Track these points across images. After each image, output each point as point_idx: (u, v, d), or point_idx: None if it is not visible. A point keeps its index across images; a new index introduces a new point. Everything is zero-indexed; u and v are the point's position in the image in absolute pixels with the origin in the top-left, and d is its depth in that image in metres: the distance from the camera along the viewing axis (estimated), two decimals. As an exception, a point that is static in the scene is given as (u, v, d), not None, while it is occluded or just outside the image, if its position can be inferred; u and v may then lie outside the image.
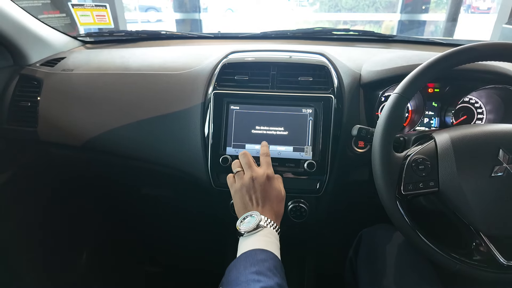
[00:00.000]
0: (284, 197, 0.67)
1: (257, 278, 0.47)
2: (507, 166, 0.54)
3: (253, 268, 0.49)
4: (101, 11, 1.23)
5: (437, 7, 5.04)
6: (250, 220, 0.59)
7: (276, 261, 0.53)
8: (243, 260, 0.53)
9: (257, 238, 0.57)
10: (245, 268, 0.50)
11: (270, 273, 0.49)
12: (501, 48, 0.57)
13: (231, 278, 0.50)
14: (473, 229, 0.55)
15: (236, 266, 0.52)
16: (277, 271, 0.50)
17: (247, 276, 0.48)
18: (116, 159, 0.96)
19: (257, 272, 0.48)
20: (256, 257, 0.52)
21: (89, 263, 1.27)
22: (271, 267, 0.50)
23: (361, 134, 0.68)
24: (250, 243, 0.56)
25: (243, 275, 0.48)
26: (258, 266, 0.50)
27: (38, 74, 0.97)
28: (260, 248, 0.54)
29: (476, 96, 0.85)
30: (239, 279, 0.48)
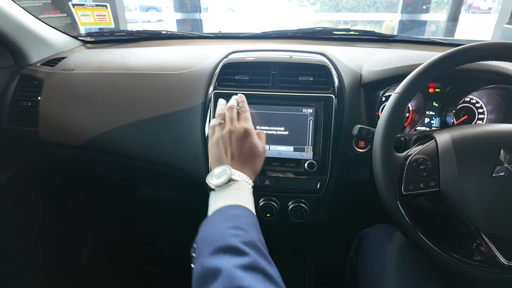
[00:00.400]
0: (262, 153, 0.64)
1: (235, 232, 0.44)
2: (508, 166, 0.54)
3: (229, 223, 0.46)
4: (102, 11, 1.23)
5: (438, 7, 5.04)
6: (222, 174, 0.56)
7: (252, 217, 0.50)
8: (217, 216, 0.50)
9: (230, 192, 0.54)
10: (220, 223, 0.47)
11: (247, 228, 0.46)
12: (502, 47, 0.57)
13: (204, 235, 0.47)
14: (474, 229, 0.55)
15: (209, 222, 0.49)
16: (255, 226, 0.48)
17: (224, 231, 0.44)
18: (116, 159, 0.97)
19: (233, 226, 0.45)
20: (230, 212, 0.50)
21: (89, 263, 1.27)
22: (248, 222, 0.48)
23: (361, 134, 0.67)
24: (223, 198, 0.53)
25: (219, 230, 0.45)
26: (234, 221, 0.47)
27: (39, 74, 0.97)
28: (234, 204, 0.51)
29: (477, 96, 0.85)
30: (215, 234, 0.45)
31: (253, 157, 0.62)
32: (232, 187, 0.55)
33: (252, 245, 0.43)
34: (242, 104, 0.68)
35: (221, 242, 0.43)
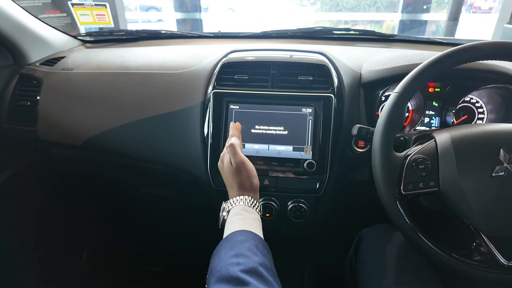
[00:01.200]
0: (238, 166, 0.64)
1: (236, 261, 0.46)
2: (507, 166, 0.54)
3: (232, 251, 0.48)
4: (101, 10, 1.23)
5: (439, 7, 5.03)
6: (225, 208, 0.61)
7: (256, 240, 0.52)
8: (223, 245, 0.52)
9: (232, 219, 0.57)
10: (225, 253, 0.49)
11: (250, 253, 0.48)
12: (502, 47, 0.56)
13: (213, 265, 0.49)
14: (473, 229, 0.54)
15: (217, 252, 0.51)
16: (258, 249, 0.49)
17: (227, 261, 0.47)
18: (115, 158, 0.96)
19: (236, 254, 0.47)
20: (235, 239, 0.52)
21: (88, 262, 1.27)
22: (251, 247, 0.49)
23: (361, 134, 0.67)
24: (229, 227, 0.56)
25: (223, 260, 0.47)
26: (237, 248, 0.49)
27: (38, 74, 0.97)
28: (238, 230, 0.53)
29: (477, 96, 0.85)
30: (219, 264, 0.47)
31: (235, 175, 0.64)
32: (231, 214, 0.59)
33: (253, 272, 0.45)
34: (230, 131, 0.74)
35: (223, 272, 0.45)
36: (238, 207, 0.59)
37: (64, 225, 1.20)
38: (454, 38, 2.96)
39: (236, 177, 0.64)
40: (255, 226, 0.56)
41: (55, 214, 1.17)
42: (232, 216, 0.58)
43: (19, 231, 1.08)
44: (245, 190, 0.63)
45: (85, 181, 1.21)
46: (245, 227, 0.54)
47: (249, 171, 0.64)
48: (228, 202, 0.62)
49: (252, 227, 0.55)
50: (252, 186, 0.64)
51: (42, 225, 1.14)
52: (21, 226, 1.08)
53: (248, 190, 0.63)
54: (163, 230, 1.35)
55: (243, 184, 0.63)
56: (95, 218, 1.32)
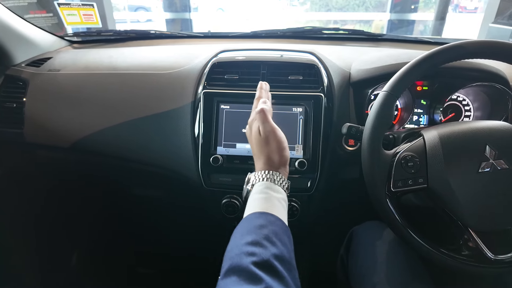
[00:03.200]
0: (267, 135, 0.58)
1: (251, 250, 0.42)
2: (493, 162, 0.55)
3: (248, 237, 0.44)
4: (88, 10, 1.21)
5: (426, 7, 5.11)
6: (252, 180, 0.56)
7: (276, 225, 0.47)
8: (241, 227, 0.48)
9: (254, 197, 0.52)
10: (241, 237, 0.45)
11: (267, 242, 0.43)
12: (487, 46, 0.58)
13: (228, 248, 0.45)
14: (461, 225, 0.56)
15: (234, 234, 0.47)
16: (277, 237, 0.45)
17: (241, 248, 0.43)
18: (105, 160, 0.95)
19: (252, 242, 0.43)
20: (253, 222, 0.47)
21: (80, 265, 1.25)
22: (269, 234, 0.45)
23: (351, 132, 0.68)
24: (250, 206, 0.51)
25: (238, 246, 0.44)
26: (254, 234, 0.44)
27: (24, 75, 0.95)
28: (257, 211, 0.49)
29: (464, 94, 0.86)
30: (233, 250, 0.43)
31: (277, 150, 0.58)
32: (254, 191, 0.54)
33: (267, 266, 0.41)
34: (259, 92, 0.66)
35: (236, 261, 0.41)
36: (263, 184, 0.54)
37: (53, 228, 1.18)
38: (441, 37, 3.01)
39: (264, 148, 0.58)
40: (279, 208, 0.51)
41: (43, 217, 1.15)
42: (255, 194, 0.53)
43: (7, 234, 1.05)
44: (272, 164, 0.57)
45: (75, 183, 1.20)
46: (266, 209, 0.49)
47: (279, 143, 0.58)
48: (254, 174, 0.57)
49: (275, 208, 0.50)
50: (281, 160, 0.58)
51: (30, 228, 1.12)
52: (9, 229, 1.05)
53: (276, 164, 0.57)
54: (155, 232, 1.34)
55: (271, 157, 0.57)
56: (85, 220, 1.30)
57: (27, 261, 1.10)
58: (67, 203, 1.22)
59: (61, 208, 1.20)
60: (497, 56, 0.59)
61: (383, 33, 1.15)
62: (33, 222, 1.12)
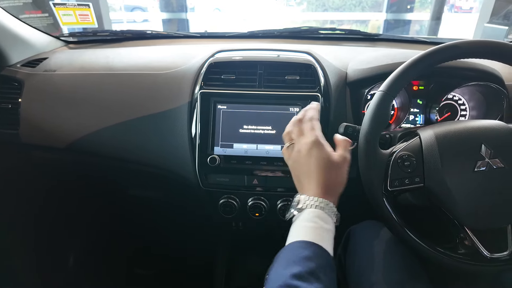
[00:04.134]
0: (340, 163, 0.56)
1: (295, 284, 0.40)
2: (489, 161, 0.55)
3: (293, 267, 0.43)
4: (84, 10, 1.20)
5: (422, 7, 5.14)
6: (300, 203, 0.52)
7: (323, 259, 0.45)
8: (287, 252, 0.46)
9: (303, 224, 0.49)
10: (286, 267, 0.43)
11: (312, 278, 0.42)
12: (482, 45, 0.58)
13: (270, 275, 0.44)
14: (457, 223, 0.56)
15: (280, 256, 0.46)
16: (322, 273, 0.43)
17: (285, 280, 0.41)
18: (102, 160, 0.95)
19: (296, 275, 0.41)
20: (301, 252, 0.45)
21: (78, 266, 1.24)
22: (314, 268, 0.43)
23: (347, 132, 0.68)
24: (296, 231, 0.49)
25: (282, 276, 0.42)
26: (300, 266, 0.43)
27: (19, 75, 0.94)
28: (305, 240, 0.46)
29: (459, 93, 0.87)
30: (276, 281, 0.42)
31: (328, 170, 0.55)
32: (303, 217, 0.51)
33: None
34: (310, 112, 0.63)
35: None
36: (314, 211, 0.50)
37: (51, 228, 1.18)
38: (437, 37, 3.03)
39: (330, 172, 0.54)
40: (327, 240, 0.48)
41: (41, 218, 1.14)
42: (303, 221, 0.50)
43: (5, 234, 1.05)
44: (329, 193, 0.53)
45: (72, 184, 1.19)
46: (314, 239, 0.47)
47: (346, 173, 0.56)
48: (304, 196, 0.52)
49: (324, 241, 0.48)
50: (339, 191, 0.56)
51: (28, 229, 1.11)
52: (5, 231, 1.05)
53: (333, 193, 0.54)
54: (153, 232, 1.33)
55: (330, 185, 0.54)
56: (82, 221, 1.29)
57: (25, 261, 1.10)
58: (65, 204, 1.21)
59: (58, 208, 1.20)
60: (492, 55, 0.60)
61: (379, 33, 1.15)
62: (31, 223, 1.11)
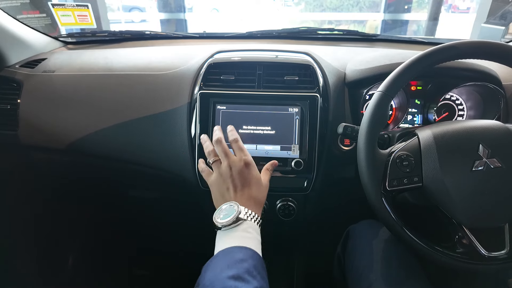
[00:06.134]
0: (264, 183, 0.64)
1: (234, 284, 0.43)
2: (486, 161, 0.56)
3: (230, 271, 0.45)
4: (83, 11, 1.20)
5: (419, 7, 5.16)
6: (229, 212, 0.55)
7: (255, 260, 0.49)
8: (220, 260, 0.49)
9: (236, 234, 0.53)
10: (222, 271, 0.46)
11: (248, 277, 0.45)
12: (479, 46, 0.59)
13: (205, 281, 0.46)
14: (455, 222, 0.56)
15: (212, 266, 0.49)
16: (257, 271, 0.47)
17: (224, 282, 0.44)
18: (101, 161, 0.95)
19: (234, 276, 0.45)
20: (234, 256, 0.49)
21: (78, 266, 1.24)
22: (250, 268, 0.47)
23: (346, 132, 0.68)
24: (228, 239, 0.53)
25: (219, 280, 0.45)
26: (235, 268, 0.46)
27: (18, 76, 0.94)
28: (238, 246, 0.51)
29: (457, 93, 0.87)
30: (214, 284, 0.45)
31: (257, 187, 0.61)
32: (239, 227, 0.54)
33: None
34: (231, 133, 0.68)
35: None
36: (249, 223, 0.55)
37: (49, 229, 1.17)
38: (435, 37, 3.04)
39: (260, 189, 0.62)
40: (254, 241, 0.53)
41: (39, 219, 1.14)
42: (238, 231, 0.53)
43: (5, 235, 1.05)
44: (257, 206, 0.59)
45: (71, 185, 1.19)
46: (245, 243, 0.51)
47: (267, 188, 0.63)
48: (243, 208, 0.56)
49: (252, 243, 0.52)
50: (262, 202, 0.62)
51: (27, 230, 1.11)
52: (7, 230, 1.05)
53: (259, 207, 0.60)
54: (152, 233, 1.33)
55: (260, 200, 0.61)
56: (81, 222, 1.29)
57: (25, 262, 1.10)
58: (64, 204, 1.21)
59: (58, 209, 1.20)
60: (489, 56, 0.60)
61: (377, 34, 1.16)
62: (31, 223, 1.11)
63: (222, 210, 0.57)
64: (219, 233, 0.55)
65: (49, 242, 1.18)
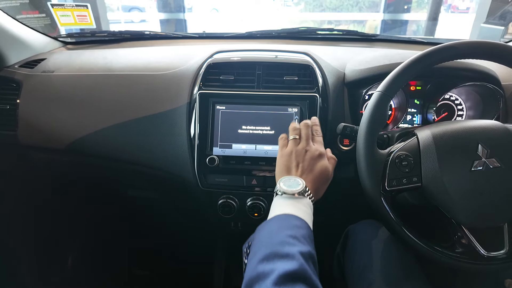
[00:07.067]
0: (330, 178, 0.64)
1: (293, 241, 0.45)
2: (485, 161, 0.56)
3: (288, 231, 0.47)
4: (82, 11, 1.20)
5: (419, 7, 5.16)
6: (294, 184, 0.56)
7: (310, 232, 0.50)
8: (278, 221, 0.50)
9: (295, 204, 0.54)
10: (280, 230, 0.47)
11: (304, 241, 0.47)
12: (479, 46, 0.59)
13: (262, 236, 0.47)
14: (455, 222, 0.56)
15: (269, 226, 0.50)
16: (311, 240, 0.49)
17: (282, 238, 0.45)
18: (100, 161, 0.95)
19: (292, 236, 0.46)
20: (291, 222, 0.50)
21: (77, 267, 1.24)
22: (305, 235, 0.48)
23: (345, 132, 0.68)
24: (287, 207, 0.53)
25: (278, 236, 0.46)
26: (293, 230, 0.47)
27: (17, 76, 0.94)
28: (296, 215, 0.52)
29: (456, 93, 0.87)
30: (272, 239, 0.46)
31: (322, 179, 0.62)
32: (299, 200, 0.55)
33: (308, 256, 0.44)
34: (316, 127, 0.69)
35: (280, 249, 0.44)
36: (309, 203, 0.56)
37: (48, 230, 1.17)
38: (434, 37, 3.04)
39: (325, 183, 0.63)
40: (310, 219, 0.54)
41: (39, 219, 1.14)
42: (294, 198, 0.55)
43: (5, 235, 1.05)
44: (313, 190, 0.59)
45: (70, 185, 1.19)
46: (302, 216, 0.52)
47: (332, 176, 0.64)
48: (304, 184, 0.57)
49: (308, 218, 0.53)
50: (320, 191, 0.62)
51: (27, 230, 1.11)
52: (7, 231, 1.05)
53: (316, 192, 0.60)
54: (152, 233, 1.33)
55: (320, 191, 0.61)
56: (80, 222, 1.29)
57: (25, 262, 1.10)
58: (64, 204, 1.21)
59: (58, 209, 1.20)
60: (488, 56, 0.60)
61: (376, 34, 1.16)
62: (31, 223, 1.11)
63: (288, 179, 0.58)
64: (277, 200, 0.56)
65: (49, 242, 1.18)
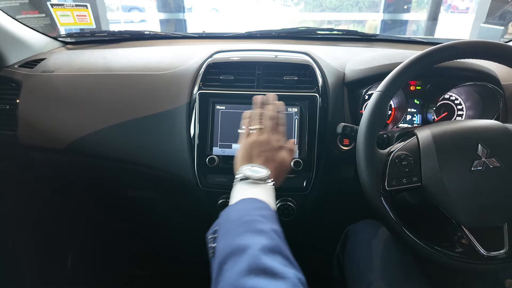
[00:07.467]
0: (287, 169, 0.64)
1: (264, 220, 0.46)
2: (485, 160, 0.56)
3: (258, 211, 0.48)
4: (82, 11, 1.20)
5: (419, 7, 5.16)
6: (260, 171, 0.57)
7: (276, 214, 0.51)
8: (245, 203, 0.51)
9: (260, 189, 0.55)
10: (249, 211, 0.48)
11: (273, 220, 0.48)
12: (478, 46, 0.59)
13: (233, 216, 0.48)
14: (454, 222, 0.56)
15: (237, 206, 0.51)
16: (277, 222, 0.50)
17: (253, 217, 0.46)
18: (100, 161, 0.95)
19: (262, 215, 0.47)
20: (259, 204, 0.51)
21: (77, 267, 1.24)
22: (273, 215, 0.49)
23: (345, 132, 0.68)
24: (252, 190, 0.54)
25: (248, 215, 0.47)
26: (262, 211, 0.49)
27: (17, 76, 0.94)
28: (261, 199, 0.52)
29: (456, 93, 0.88)
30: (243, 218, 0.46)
31: (281, 169, 0.62)
32: (263, 186, 0.55)
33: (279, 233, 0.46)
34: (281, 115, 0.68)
35: (253, 226, 0.45)
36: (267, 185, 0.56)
37: (48, 230, 1.17)
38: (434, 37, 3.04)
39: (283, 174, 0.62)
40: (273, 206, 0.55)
41: (39, 219, 1.14)
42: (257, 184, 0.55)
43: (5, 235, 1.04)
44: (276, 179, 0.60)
45: (70, 185, 1.19)
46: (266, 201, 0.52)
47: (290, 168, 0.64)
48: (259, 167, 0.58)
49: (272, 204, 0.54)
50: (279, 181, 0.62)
51: (27, 230, 1.11)
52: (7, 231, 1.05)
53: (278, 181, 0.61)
54: (151, 233, 1.33)
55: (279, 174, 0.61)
56: (80, 222, 1.29)
57: (25, 262, 1.10)
58: (64, 204, 1.21)
59: (58, 209, 1.20)
60: (488, 56, 0.60)
61: (376, 33, 1.16)
62: (30, 223, 1.11)
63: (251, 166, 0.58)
64: (241, 185, 0.56)
65: (49, 242, 1.18)
